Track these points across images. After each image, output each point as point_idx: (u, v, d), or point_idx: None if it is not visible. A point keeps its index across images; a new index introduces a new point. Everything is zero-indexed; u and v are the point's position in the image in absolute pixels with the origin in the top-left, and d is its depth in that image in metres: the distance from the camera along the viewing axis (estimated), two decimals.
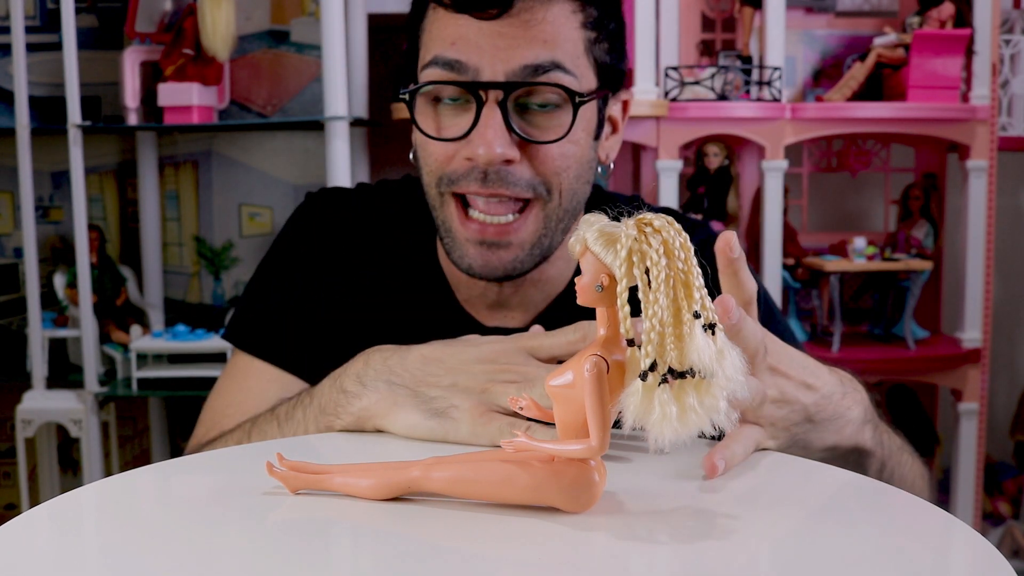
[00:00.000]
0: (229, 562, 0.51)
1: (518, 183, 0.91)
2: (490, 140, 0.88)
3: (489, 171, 0.90)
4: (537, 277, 1.01)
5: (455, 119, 0.92)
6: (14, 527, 0.55)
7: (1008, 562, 0.50)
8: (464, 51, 0.89)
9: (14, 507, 2.18)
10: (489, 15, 0.88)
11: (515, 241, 0.93)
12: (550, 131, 0.91)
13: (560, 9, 0.91)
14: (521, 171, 0.91)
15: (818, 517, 0.59)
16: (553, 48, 0.90)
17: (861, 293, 2.25)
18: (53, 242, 2.11)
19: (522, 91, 0.90)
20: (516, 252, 0.94)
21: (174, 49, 1.88)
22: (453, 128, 0.92)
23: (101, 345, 1.96)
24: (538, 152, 0.91)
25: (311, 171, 2.07)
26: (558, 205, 0.94)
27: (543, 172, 0.92)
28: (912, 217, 2.16)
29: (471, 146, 0.90)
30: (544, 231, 0.94)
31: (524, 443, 0.56)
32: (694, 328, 0.51)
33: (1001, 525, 2.22)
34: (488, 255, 0.93)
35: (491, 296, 1.02)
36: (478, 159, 0.89)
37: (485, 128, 0.89)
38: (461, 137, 0.91)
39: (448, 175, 0.93)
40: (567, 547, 0.53)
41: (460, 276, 1.02)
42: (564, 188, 0.93)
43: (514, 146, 0.90)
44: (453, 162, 0.92)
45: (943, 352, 2.08)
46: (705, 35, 2.15)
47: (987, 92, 2.02)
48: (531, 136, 0.91)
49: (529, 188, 0.92)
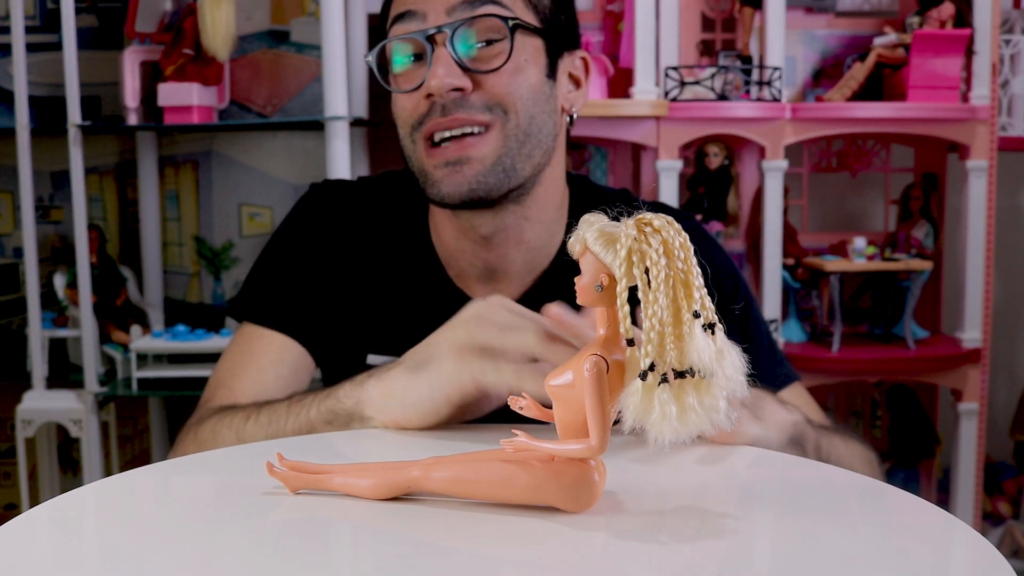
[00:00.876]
0: (229, 562, 0.51)
1: (473, 107, 0.99)
2: (441, 75, 0.97)
3: (446, 103, 0.98)
4: (519, 238, 1.06)
5: (415, 71, 1.01)
6: (14, 527, 0.55)
7: (1008, 562, 0.50)
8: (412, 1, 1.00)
9: (14, 507, 2.18)
10: None
11: (475, 155, 1.00)
12: (494, 61, 1.00)
13: None
14: (475, 98, 0.99)
15: (818, 517, 0.59)
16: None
17: (861, 293, 2.25)
18: (53, 242, 2.11)
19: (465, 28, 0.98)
20: (477, 167, 1.00)
21: (174, 49, 1.88)
22: (413, 78, 1.01)
23: (101, 345, 1.96)
24: (487, 80, 0.99)
25: (311, 171, 2.07)
26: (515, 125, 1.01)
27: (495, 95, 1.00)
28: (912, 217, 2.16)
29: (427, 85, 0.98)
30: (504, 150, 1.01)
31: (524, 443, 0.56)
32: (694, 328, 0.51)
33: (1001, 525, 2.22)
34: (452, 174, 1.00)
35: (479, 264, 1.07)
36: (432, 90, 0.98)
37: (436, 65, 0.98)
38: (421, 84, 0.99)
39: (414, 120, 1.01)
40: (567, 547, 0.53)
41: (448, 248, 1.09)
42: (520, 109, 1.01)
43: (464, 77, 0.98)
44: (418, 107, 1.01)
45: (943, 352, 2.08)
46: (705, 35, 2.15)
47: (987, 92, 2.02)
48: (477, 67, 0.99)
49: (484, 110, 1.00)
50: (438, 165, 1.00)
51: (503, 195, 1.02)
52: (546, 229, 1.08)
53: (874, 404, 2.34)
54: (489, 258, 1.07)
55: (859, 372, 2.10)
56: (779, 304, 2.02)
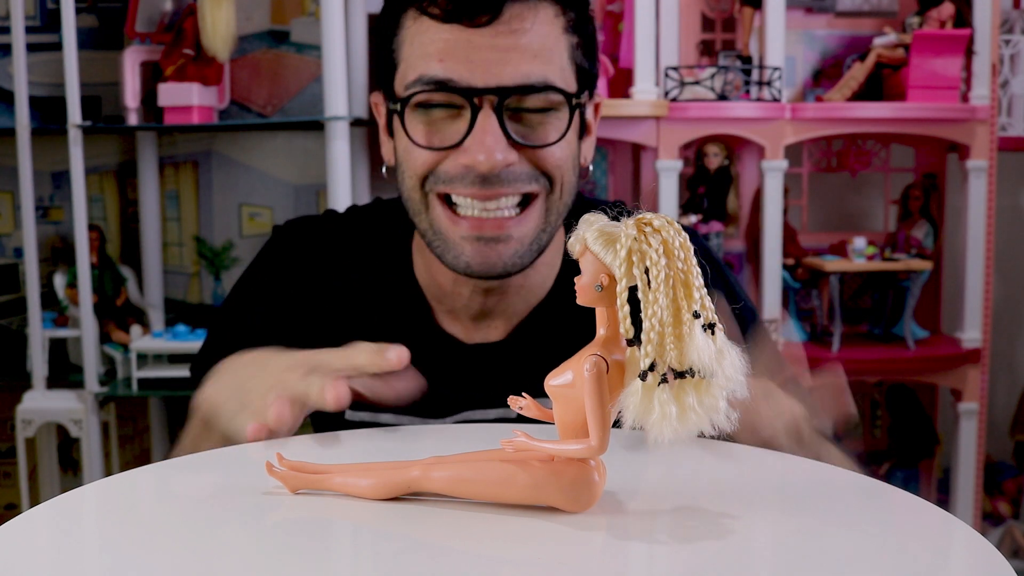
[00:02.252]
0: (229, 562, 0.51)
1: (519, 179, 0.90)
2: (490, 147, 0.87)
3: (488, 176, 0.89)
4: (521, 283, 1.00)
5: (447, 126, 0.90)
6: (14, 527, 0.55)
7: (1008, 562, 0.50)
8: (454, 68, 0.87)
9: (14, 507, 2.18)
10: (479, 23, 0.87)
11: (515, 235, 0.91)
12: (545, 132, 0.90)
13: (545, 15, 0.90)
14: (520, 168, 0.90)
15: (818, 517, 0.59)
16: (544, 62, 0.89)
17: (861, 293, 2.25)
18: (53, 242, 2.11)
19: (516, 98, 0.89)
20: (516, 247, 0.92)
21: (174, 49, 1.88)
22: (446, 135, 0.90)
23: (101, 345, 1.96)
24: (535, 153, 0.90)
25: (311, 171, 2.07)
26: (559, 198, 0.93)
27: (544, 167, 0.91)
28: (912, 217, 2.16)
29: (469, 154, 0.88)
30: (544, 224, 0.93)
31: (524, 443, 0.56)
32: (694, 328, 0.51)
33: (1001, 525, 2.22)
34: (486, 251, 0.91)
35: (475, 306, 1.00)
36: (478, 166, 0.88)
37: (484, 135, 0.87)
38: (456, 145, 0.89)
39: (437, 174, 0.91)
40: (567, 547, 0.53)
41: (443, 289, 1.00)
42: (565, 181, 0.93)
43: (511, 149, 0.89)
44: (444, 163, 0.90)
45: (943, 352, 2.08)
46: (705, 35, 2.15)
47: (987, 92, 2.02)
48: (528, 140, 0.90)
49: (531, 180, 0.91)
50: (467, 237, 0.91)
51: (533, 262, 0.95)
52: (546, 267, 1.01)
53: (874, 404, 2.34)
54: (487, 303, 1.00)
55: (859, 372, 2.10)
56: (779, 304, 2.02)
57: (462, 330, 1.02)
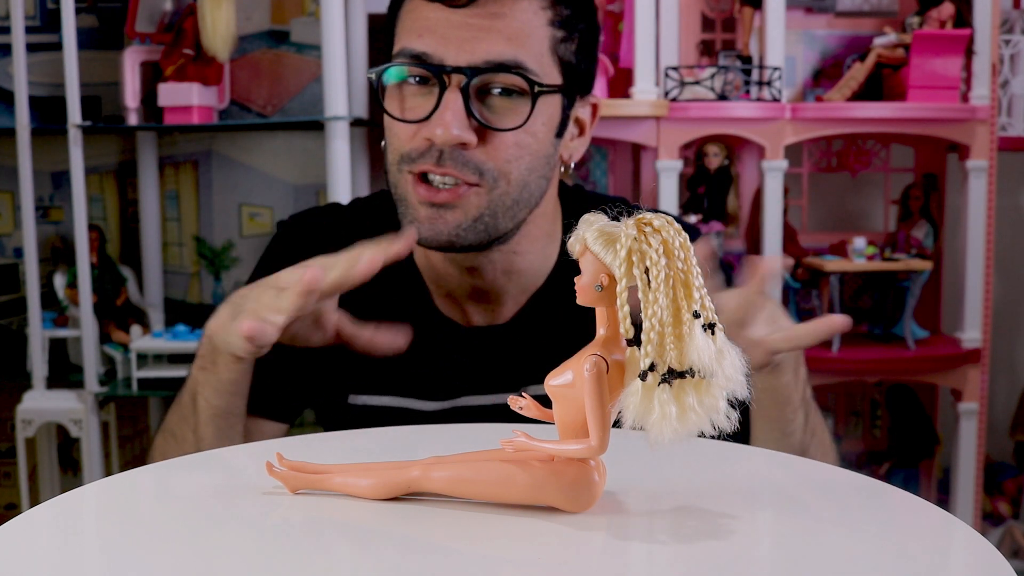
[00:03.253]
0: (229, 562, 0.51)
1: (468, 165, 0.93)
2: (448, 122, 0.91)
3: (445, 151, 0.93)
4: (507, 268, 1.02)
5: (419, 100, 0.94)
6: (14, 527, 0.55)
7: (1008, 562, 0.50)
8: (430, 43, 0.92)
9: (14, 507, 2.18)
10: (458, 3, 0.91)
11: (460, 205, 0.95)
12: (508, 118, 0.93)
13: (528, 5, 0.93)
14: (474, 155, 0.93)
15: (818, 517, 0.59)
16: (517, 46, 0.92)
17: (861, 293, 2.25)
18: (53, 242, 2.11)
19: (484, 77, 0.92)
20: (460, 218, 0.95)
21: (174, 49, 1.88)
22: (417, 110, 0.94)
23: (101, 345, 1.96)
24: (494, 138, 0.93)
25: (311, 171, 2.07)
26: (504, 193, 0.95)
27: (495, 159, 0.94)
28: (912, 217, 2.16)
29: (430, 127, 0.92)
30: (487, 210, 0.96)
31: (524, 443, 0.56)
32: (694, 328, 0.51)
33: (1001, 525, 2.22)
34: (435, 217, 0.95)
35: (466, 287, 1.03)
36: (436, 139, 0.92)
37: (445, 110, 0.91)
38: (424, 119, 0.93)
39: (407, 153, 0.95)
40: (567, 547, 0.53)
41: (436, 269, 1.04)
42: (513, 179, 0.95)
43: (471, 130, 0.92)
44: (413, 141, 0.94)
45: (943, 352, 2.08)
46: (705, 35, 2.15)
47: (987, 92, 2.02)
48: (489, 122, 0.93)
49: (476, 172, 0.94)
50: (423, 203, 0.95)
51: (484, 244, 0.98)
52: (539, 254, 1.03)
53: (874, 404, 2.34)
54: (477, 284, 1.03)
55: (859, 372, 2.10)
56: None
57: (460, 314, 1.05)
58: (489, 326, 1.04)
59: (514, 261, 1.02)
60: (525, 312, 1.04)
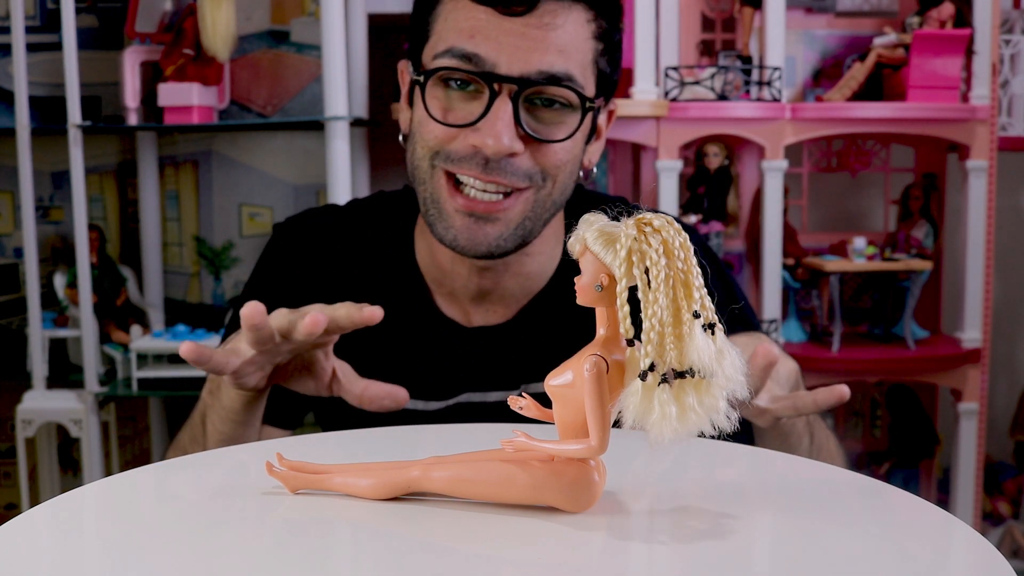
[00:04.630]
0: (229, 562, 0.51)
1: (516, 173, 0.93)
2: (499, 132, 0.91)
3: (492, 160, 0.92)
4: (517, 270, 1.03)
5: (463, 105, 0.93)
6: (14, 527, 0.55)
7: (1008, 562, 0.50)
8: (483, 45, 0.91)
9: (14, 507, 2.18)
10: (514, 12, 0.90)
11: (502, 218, 0.95)
12: (555, 129, 0.93)
13: (577, 16, 0.93)
14: (521, 162, 0.93)
15: (818, 517, 0.59)
16: (567, 58, 0.92)
17: (861, 293, 2.25)
18: (53, 242, 2.11)
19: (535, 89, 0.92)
20: (501, 229, 0.95)
21: (174, 49, 1.88)
22: (461, 113, 0.93)
23: (101, 345, 1.96)
24: (540, 147, 0.94)
25: (311, 171, 2.07)
26: (549, 194, 0.96)
27: (544, 165, 0.94)
28: (912, 217, 2.16)
29: (479, 135, 0.91)
30: (531, 214, 0.96)
31: (524, 443, 0.56)
32: (694, 328, 0.51)
33: (1001, 525, 2.22)
34: (475, 228, 0.94)
35: (472, 287, 1.03)
36: (485, 148, 0.91)
37: (496, 120, 0.91)
38: (469, 124, 0.92)
39: (447, 153, 0.94)
40: (567, 547, 0.53)
41: (443, 268, 1.03)
42: (559, 181, 0.96)
43: (519, 140, 0.92)
44: (454, 143, 0.94)
45: (943, 352, 2.08)
46: (705, 35, 2.15)
47: (987, 92, 2.02)
48: (538, 133, 0.93)
49: (526, 178, 0.94)
50: (460, 211, 0.95)
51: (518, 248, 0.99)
52: (547, 255, 1.05)
53: (874, 404, 2.34)
54: (483, 284, 1.03)
55: (859, 372, 2.10)
56: (779, 304, 2.02)
57: (462, 314, 1.05)
58: (491, 325, 1.05)
59: (524, 263, 1.03)
60: (527, 311, 1.05)
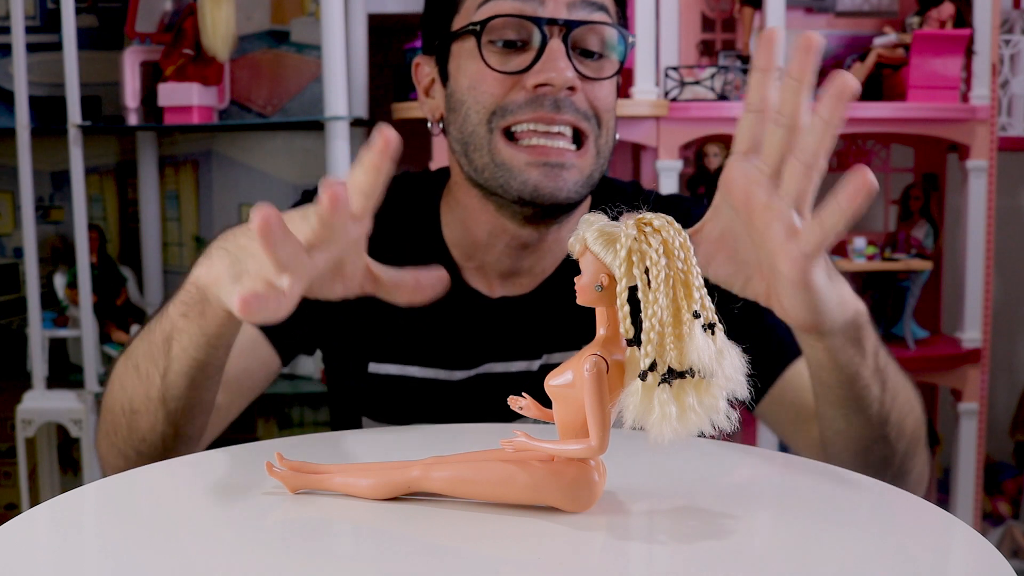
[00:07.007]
0: (229, 562, 0.51)
1: (578, 111, 0.95)
2: (562, 67, 0.93)
3: (556, 98, 0.94)
4: (552, 244, 1.03)
5: (511, 59, 0.96)
6: (14, 527, 0.55)
7: (1008, 562, 0.50)
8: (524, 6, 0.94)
9: (14, 507, 2.18)
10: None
11: (577, 165, 0.96)
12: (602, 69, 0.98)
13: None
14: (579, 101, 0.96)
15: (818, 516, 0.59)
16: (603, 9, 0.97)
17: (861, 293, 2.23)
18: (53, 242, 2.10)
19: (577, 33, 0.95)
20: (577, 176, 0.96)
21: (174, 49, 1.88)
22: (512, 65, 0.95)
23: (101, 345, 1.96)
24: (591, 87, 0.96)
25: (311, 171, 2.07)
26: (605, 141, 0.99)
27: (596, 106, 0.97)
28: (912, 217, 2.16)
29: (541, 74, 0.93)
30: (596, 165, 0.98)
31: (524, 443, 0.56)
32: (694, 328, 0.51)
33: (1001, 525, 2.22)
34: (553, 175, 0.95)
35: (506, 262, 1.03)
36: (552, 81, 0.93)
37: (556, 58, 0.93)
38: (527, 69, 0.94)
39: (505, 106, 0.96)
40: (567, 547, 0.53)
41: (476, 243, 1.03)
42: (609, 126, 0.99)
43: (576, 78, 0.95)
44: (511, 94, 0.95)
45: (943, 352, 2.08)
46: (705, 35, 2.15)
47: (987, 92, 2.02)
48: (587, 73, 0.96)
49: (585, 118, 0.96)
50: (533, 163, 0.95)
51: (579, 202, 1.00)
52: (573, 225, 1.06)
53: None
54: (517, 261, 1.04)
55: None
56: None
57: (486, 285, 1.06)
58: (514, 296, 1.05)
59: (559, 239, 1.03)
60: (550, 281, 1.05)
